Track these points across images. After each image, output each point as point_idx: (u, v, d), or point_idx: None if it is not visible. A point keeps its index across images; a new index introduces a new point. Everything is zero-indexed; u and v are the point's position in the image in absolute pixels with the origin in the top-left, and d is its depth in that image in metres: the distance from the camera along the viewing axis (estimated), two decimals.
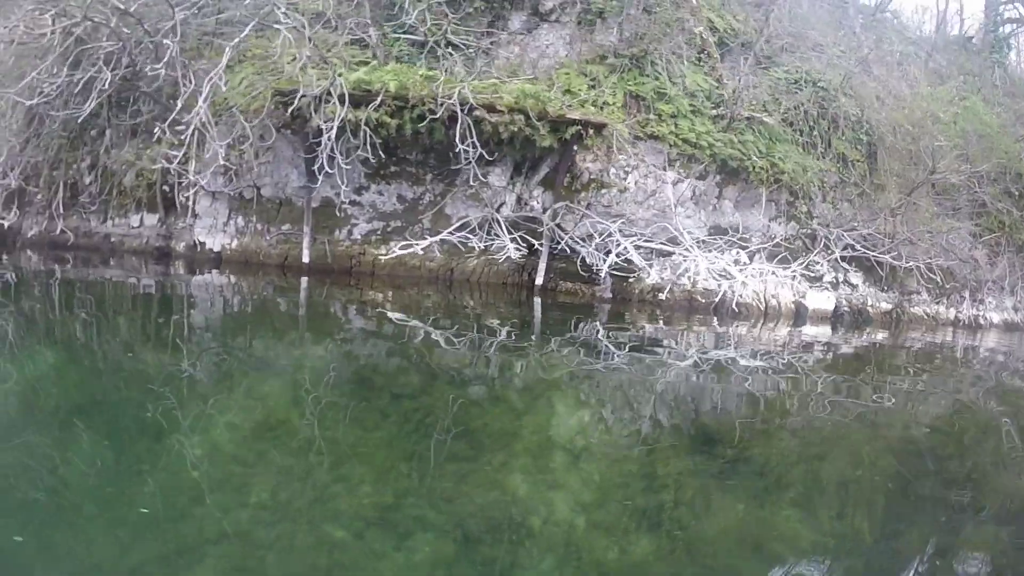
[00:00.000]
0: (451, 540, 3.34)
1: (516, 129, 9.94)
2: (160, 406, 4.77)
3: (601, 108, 10.83)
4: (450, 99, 9.62)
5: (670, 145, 11.18)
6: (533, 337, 8.62)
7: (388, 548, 3.25)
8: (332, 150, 9.56)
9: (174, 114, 10.09)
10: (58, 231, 12.98)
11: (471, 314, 9.60)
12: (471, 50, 11.76)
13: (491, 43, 12.04)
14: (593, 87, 11.35)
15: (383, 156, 10.35)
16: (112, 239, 13.02)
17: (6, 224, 13.05)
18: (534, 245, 11.04)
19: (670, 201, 11.16)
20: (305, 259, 11.27)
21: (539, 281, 11.11)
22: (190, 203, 12.16)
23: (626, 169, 11.16)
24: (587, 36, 12.18)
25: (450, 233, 10.68)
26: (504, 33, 12.18)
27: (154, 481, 3.65)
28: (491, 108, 9.84)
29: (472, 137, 9.62)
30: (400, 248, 10.61)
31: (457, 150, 9.63)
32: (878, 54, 13.11)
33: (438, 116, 9.58)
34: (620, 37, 11.78)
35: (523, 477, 4.14)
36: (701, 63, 11.95)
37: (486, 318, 9.35)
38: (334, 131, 9.42)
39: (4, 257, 13.64)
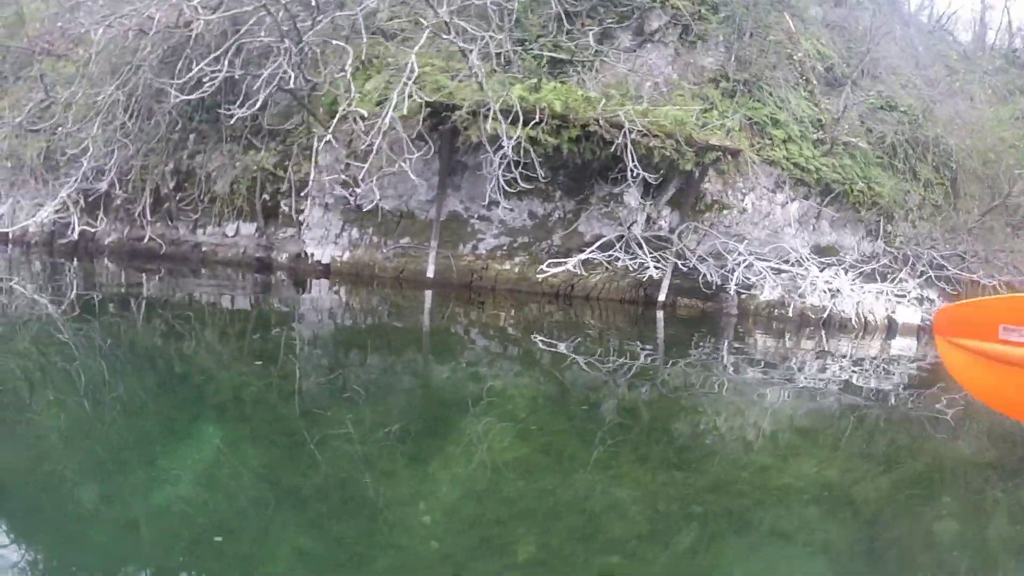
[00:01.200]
0: None
1: (667, 152, 10.21)
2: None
3: (727, 133, 11.24)
4: (612, 122, 9.78)
5: (782, 169, 11.77)
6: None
7: None
8: (496, 167, 9.51)
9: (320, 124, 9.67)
10: (146, 239, 12.19)
11: (613, 335, 9.78)
12: (582, 67, 11.89)
13: (600, 61, 12.19)
14: (707, 110, 11.74)
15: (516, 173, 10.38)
16: (203, 248, 12.36)
17: (93, 231, 12.08)
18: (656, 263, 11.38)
19: (781, 222, 11.78)
20: (429, 273, 11.10)
21: (661, 297, 11.45)
22: (298, 213, 11.74)
23: (743, 191, 11.66)
24: (689, 57, 12.54)
25: (592, 251, 10.82)
26: (612, 51, 12.34)
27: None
28: (646, 132, 10.06)
29: (633, 159, 9.81)
30: (548, 266, 10.66)
31: (626, 171, 9.77)
32: (947, 78, 14.18)
33: (607, 138, 9.74)
34: (729, 60, 12.21)
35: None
36: (798, 88, 12.58)
37: (636, 339, 9.57)
38: (509, 147, 9.35)
39: (74, 263, 12.69)
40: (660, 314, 11.48)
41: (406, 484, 4.04)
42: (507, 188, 10.05)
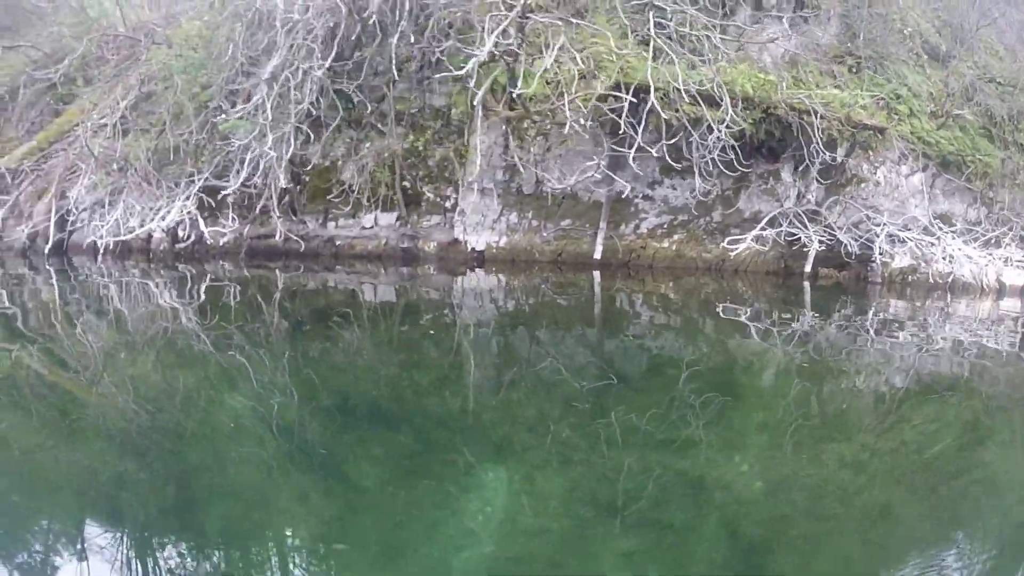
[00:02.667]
0: None
1: (832, 132, 10.55)
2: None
3: (864, 108, 11.66)
4: (793, 104, 10.02)
5: (907, 142, 12.31)
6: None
7: None
8: (707, 149, 9.62)
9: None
10: (276, 236, 11.63)
11: (788, 303, 10.30)
12: (705, 43, 12.02)
13: (721, 37, 12.33)
14: (837, 87, 12.12)
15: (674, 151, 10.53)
16: (337, 242, 11.87)
17: (227, 233, 11.42)
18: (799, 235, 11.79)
19: (906, 193, 12.36)
20: (596, 255, 11.13)
21: (807, 268, 11.89)
22: (444, 200, 11.49)
23: (876, 164, 12.15)
24: (803, 31, 12.84)
25: (762, 227, 11.09)
26: (732, 26, 12.50)
27: None
28: (813, 112, 10.36)
29: (817, 139, 10.11)
30: (727, 243, 10.90)
31: (784, 148, 10.05)
32: None
33: (786, 120, 9.97)
34: (848, 36, 12.59)
35: None
36: (909, 63, 13.11)
37: (811, 307, 10.12)
38: (722, 131, 9.48)
39: (179, 266, 12.06)
40: (807, 284, 11.99)
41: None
42: (674, 166, 10.22)
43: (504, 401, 5.39)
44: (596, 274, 11.04)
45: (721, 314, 8.77)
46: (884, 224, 11.74)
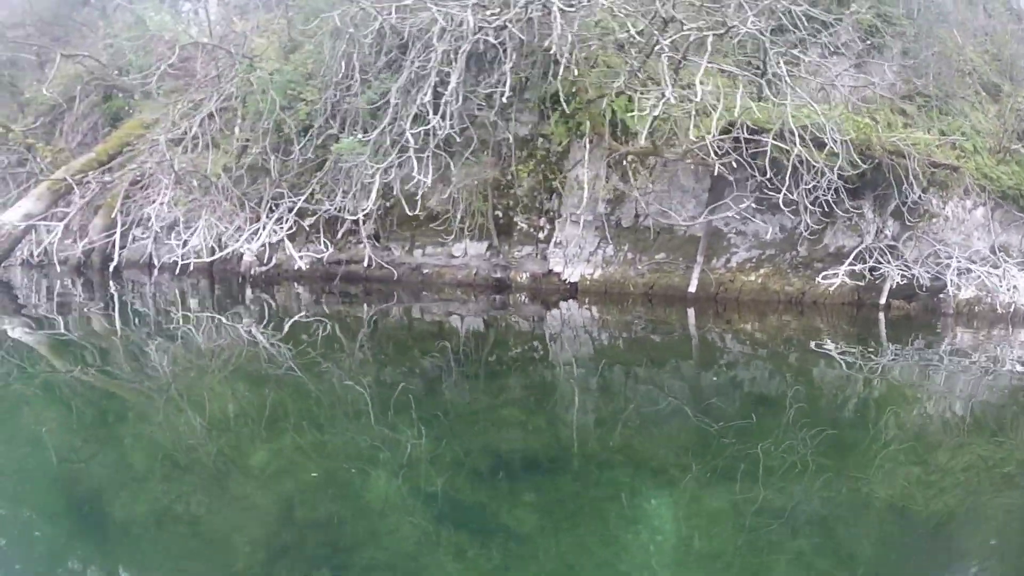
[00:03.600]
0: None
1: (917, 172, 11.04)
2: None
3: (937, 148, 12.16)
4: (886, 146, 10.45)
5: (972, 178, 12.87)
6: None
7: None
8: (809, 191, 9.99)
9: None
10: (366, 262, 11.68)
11: (870, 335, 10.84)
12: (779, 78, 12.38)
13: (789, 73, 12.71)
14: (907, 125, 12.61)
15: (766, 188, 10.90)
16: (425, 270, 11.96)
17: (323, 258, 11.42)
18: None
19: (970, 227, 12.94)
20: (691, 288, 11.44)
21: (882, 300, 12.38)
22: (537, 231, 11.66)
23: (944, 200, 12.69)
24: (868, 70, 13.30)
25: (850, 262, 11.51)
26: (804, 62, 12.87)
27: None
28: (906, 154, 10.82)
29: (909, 179, 10.59)
30: (822, 278, 11.30)
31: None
32: None
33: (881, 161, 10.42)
34: (914, 73, 13.08)
35: None
36: (968, 99, 13.67)
37: (893, 339, 10.72)
38: (833, 174, 9.85)
39: (247, 292, 12.07)
40: (881, 315, 12.51)
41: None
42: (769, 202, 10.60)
43: (642, 434, 5.63)
44: (689, 309, 11.35)
45: (827, 349, 9.23)
46: (955, 257, 12.28)
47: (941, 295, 12.68)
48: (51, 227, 13.23)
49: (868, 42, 13.25)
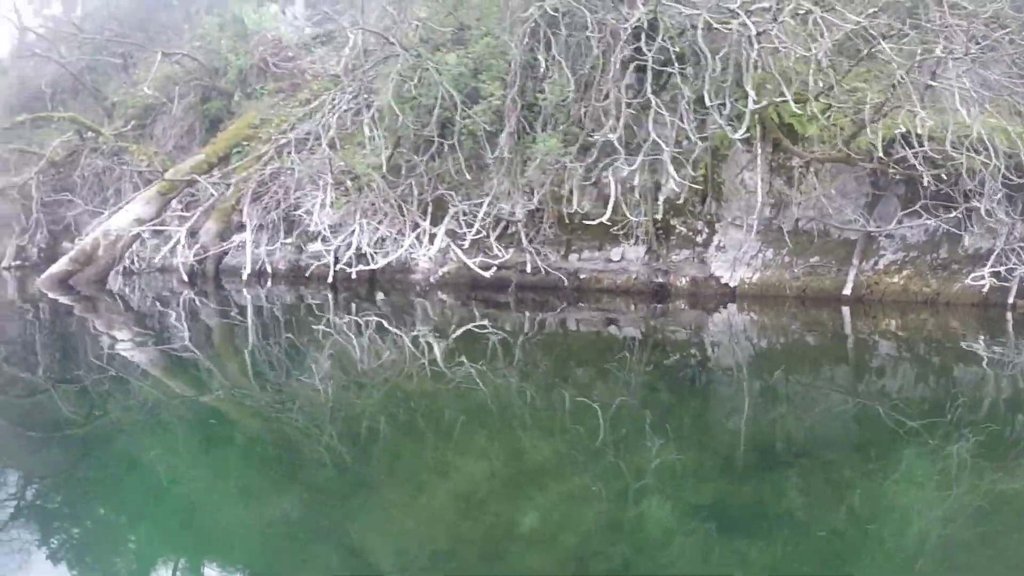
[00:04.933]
0: None
1: None
2: None
3: None
4: None
5: None
6: None
7: None
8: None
9: None
10: (528, 268, 11.52)
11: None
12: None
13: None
14: None
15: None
16: (581, 275, 11.88)
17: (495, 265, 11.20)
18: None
19: None
20: (847, 291, 11.69)
21: (1010, 300, 12.90)
22: (695, 233, 11.75)
23: None
24: (988, 73, 13.85)
25: (992, 265, 11.94)
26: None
27: None
28: None
29: None
30: (971, 280, 11.69)
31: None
32: None
33: None
34: None
35: None
36: None
37: None
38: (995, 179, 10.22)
39: (378, 297, 11.87)
40: (1009, 315, 13.04)
41: None
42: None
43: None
44: (844, 309, 11.61)
45: (974, 348, 9.65)
46: None
47: None
48: (168, 232, 12.69)
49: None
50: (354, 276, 12.01)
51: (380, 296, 12.62)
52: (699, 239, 11.80)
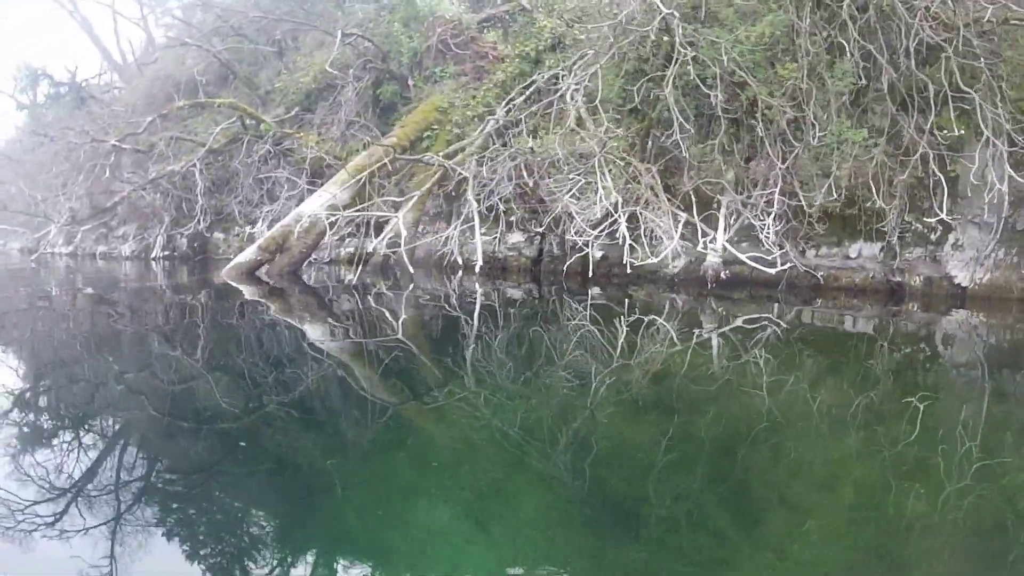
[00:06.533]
0: None
1: None
2: None
3: None
4: None
5: None
6: None
7: None
8: None
9: None
10: (780, 264, 11.20)
11: None
12: None
13: None
14: None
15: None
16: (819, 272, 11.65)
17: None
18: None
19: None
20: None
21: None
22: (930, 231, 11.66)
23: None
24: None
25: None
26: None
27: None
28: None
29: None
30: None
31: None
32: None
33: None
34: None
35: None
36: None
37: None
38: None
39: (593, 291, 11.38)
40: None
41: None
42: None
43: None
44: None
45: None
46: None
47: None
48: (385, 218, 11.84)
49: None
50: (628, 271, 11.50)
51: (596, 290, 12.08)
52: (933, 236, 11.73)
